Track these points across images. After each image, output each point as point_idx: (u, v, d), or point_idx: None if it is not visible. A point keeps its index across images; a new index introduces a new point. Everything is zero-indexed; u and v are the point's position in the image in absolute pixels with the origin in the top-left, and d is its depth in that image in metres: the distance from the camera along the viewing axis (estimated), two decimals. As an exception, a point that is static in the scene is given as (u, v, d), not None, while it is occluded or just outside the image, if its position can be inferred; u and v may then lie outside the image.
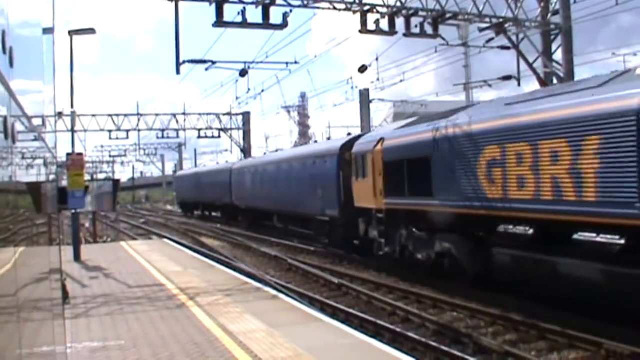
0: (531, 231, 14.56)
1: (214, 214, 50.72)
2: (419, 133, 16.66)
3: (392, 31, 18.65)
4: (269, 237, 30.20)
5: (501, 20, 19.98)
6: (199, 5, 17.11)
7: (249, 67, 24.13)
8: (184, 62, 19.19)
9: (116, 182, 27.62)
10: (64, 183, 18.61)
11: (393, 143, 18.09)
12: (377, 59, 27.28)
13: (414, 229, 17.36)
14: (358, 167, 20.66)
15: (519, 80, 23.45)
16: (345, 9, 18.31)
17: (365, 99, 41.02)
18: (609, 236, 13.05)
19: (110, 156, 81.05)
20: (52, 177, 5.43)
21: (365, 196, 19.92)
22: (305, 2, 17.92)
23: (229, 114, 51.93)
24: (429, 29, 19.25)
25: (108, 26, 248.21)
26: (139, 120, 50.24)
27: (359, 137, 23.27)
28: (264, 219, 35.48)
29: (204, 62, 22.55)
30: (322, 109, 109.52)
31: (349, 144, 22.78)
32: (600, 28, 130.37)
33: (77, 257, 19.59)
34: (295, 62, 24.57)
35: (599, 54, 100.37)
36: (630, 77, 10.78)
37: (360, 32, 18.56)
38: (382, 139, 18.80)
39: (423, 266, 16.98)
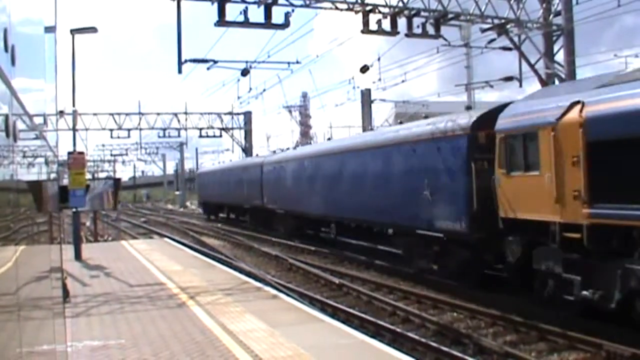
0: None
1: (241, 218, 41.70)
2: None
3: (394, 31, 18.65)
4: (321, 248, 24.48)
5: (503, 21, 19.98)
6: (201, 4, 17.11)
7: (250, 67, 24.18)
8: (186, 61, 19.25)
9: (117, 181, 27.63)
10: (65, 182, 18.61)
11: (611, 108, 10.65)
12: (378, 59, 27.31)
13: None
14: (513, 154, 13.29)
15: (520, 81, 23.47)
16: (347, 9, 18.32)
17: (366, 99, 41.04)
18: None
19: (111, 155, 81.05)
20: (53, 175, 5.43)
21: (531, 202, 12.56)
22: (307, 2, 17.93)
23: (230, 113, 51.95)
24: (430, 30, 19.25)
25: (110, 25, 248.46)
26: (140, 119, 50.26)
27: (502, 107, 14.47)
28: (312, 228, 28.08)
29: (206, 61, 22.60)
30: (323, 108, 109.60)
31: (486, 119, 14.68)
32: (604, 29, 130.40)
33: (77, 255, 19.60)
34: (297, 62, 24.64)
35: (601, 55, 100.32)
36: None
37: (362, 32, 18.57)
38: (579, 104, 11.29)
39: None
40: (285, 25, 17.45)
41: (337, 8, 18.32)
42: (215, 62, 23.00)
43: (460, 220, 15.05)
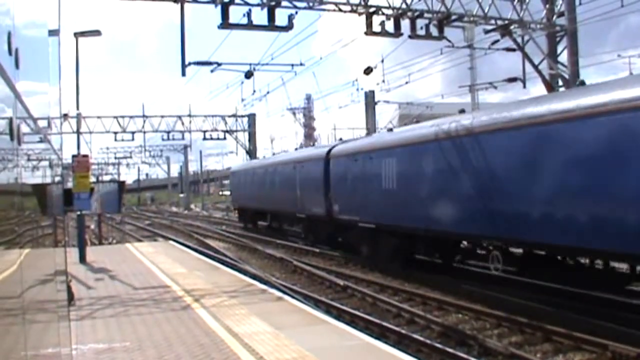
0: None
1: (289, 228, 32.41)
2: None
3: (397, 33, 18.63)
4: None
5: (506, 22, 19.94)
6: (205, 7, 17.10)
7: (254, 69, 24.15)
8: (190, 63, 19.25)
9: (121, 184, 27.65)
10: (70, 185, 18.63)
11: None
12: (382, 61, 27.25)
13: None
14: None
15: (524, 82, 23.43)
16: (350, 11, 18.30)
17: (370, 100, 41.02)
18: None
19: (115, 158, 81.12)
20: (57, 178, 5.43)
21: None
22: (311, 4, 17.92)
23: (234, 115, 51.98)
24: (434, 31, 19.21)
25: (114, 28, 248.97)
26: (144, 121, 50.31)
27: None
28: (431, 252, 18.80)
29: (210, 63, 22.59)
30: (327, 110, 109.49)
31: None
32: (609, 29, 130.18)
33: (82, 258, 19.61)
34: (301, 64, 24.58)
35: (606, 55, 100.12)
36: None
37: (366, 33, 18.54)
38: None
39: None
40: (288, 27, 17.45)
41: (340, 10, 18.31)
42: (219, 64, 23.00)
43: None
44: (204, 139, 53.32)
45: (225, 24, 16.85)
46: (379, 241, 20.37)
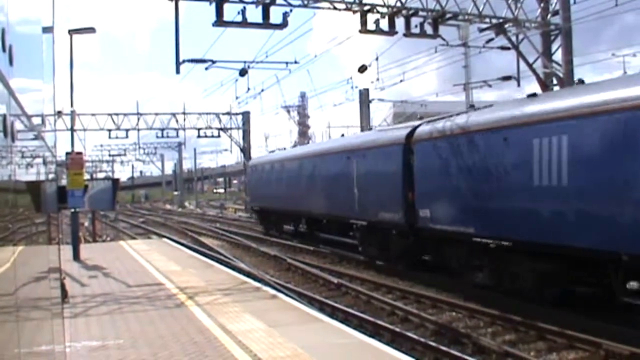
0: None
1: (339, 237, 25.01)
2: None
3: (392, 31, 18.62)
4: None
5: (501, 20, 19.96)
6: (199, 4, 17.06)
7: (248, 67, 24.09)
8: (184, 61, 19.17)
9: (116, 182, 27.59)
10: (64, 182, 18.59)
11: None
12: (377, 59, 27.24)
13: None
14: None
15: (518, 80, 23.44)
16: (345, 9, 18.28)
17: (364, 98, 41.01)
18: None
19: (109, 155, 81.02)
20: (51, 176, 5.42)
21: None
22: (305, 2, 17.89)
23: (228, 113, 51.87)
24: (429, 29, 19.21)
25: (108, 25, 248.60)
26: (138, 119, 50.15)
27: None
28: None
29: (204, 61, 22.53)
30: (321, 108, 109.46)
31: None
32: (604, 27, 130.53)
33: (76, 256, 19.57)
34: (295, 62, 24.53)
35: (601, 54, 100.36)
36: None
37: (360, 32, 18.53)
38: None
39: None
40: (283, 25, 17.42)
41: (335, 8, 18.28)
42: (213, 62, 22.94)
43: None
44: (198, 136, 53.20)
45: (219, 21, 16.81)
46: (511, 266, 13.75)
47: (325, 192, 23.96)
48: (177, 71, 18.06)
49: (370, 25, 18.42)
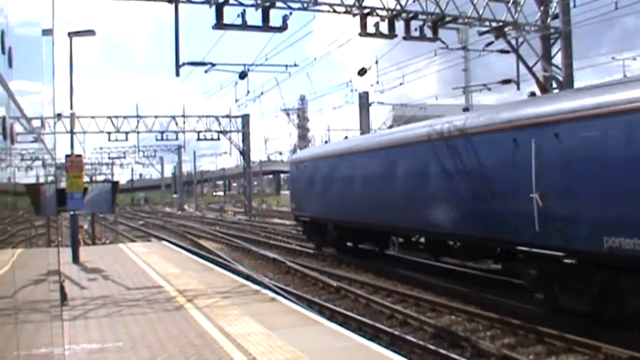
0: None
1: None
2: None
3: (391, 34, 18.63)
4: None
5: (501, 24, 19.97)
6: (199, 7, 17.08)
7: (248, 70, 24.08)
8: (184, 64, 19.14)
9: (115, 184, 27.57)
10: (63, 184, 18.57)
11: None
12: (376, 62, 27.24)
13: None
14: None
15: (518, 84, 23.44)
16: (345, 12, 18.29)
17: (364, 101, 41.00)
18: None
19: (109, 158, 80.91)
20: (50, 178, 5.42)
21: None
22: (305, 5, 17.90)
23: (228, 116, 51.94)
24: (428, 33, 19.23)
25: (108, 27, 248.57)
26: (138, 122, 50.18)
27: None
28: None
29: (204, 64, 22.50)
30: (321, 111, 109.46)
31: None
32: (605, 31, 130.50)
33: (75, 258, 19.54)
34: (295, 65, 24.53)
35: (602, 57, 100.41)
36: None
37: (360, 35, 18.54)
38: None
39: None
40: (283, 28, 17.43)
41: (334, 11, 18.29)
42: (213, 65, 22.91)
43: None
44: (198, 139, 53.22)
45: (219, 24, 16.82)
46: None
47: (456, 198, 15.30)
48: (177, 74, 18.06)
49: (370, 28, 18.44)
